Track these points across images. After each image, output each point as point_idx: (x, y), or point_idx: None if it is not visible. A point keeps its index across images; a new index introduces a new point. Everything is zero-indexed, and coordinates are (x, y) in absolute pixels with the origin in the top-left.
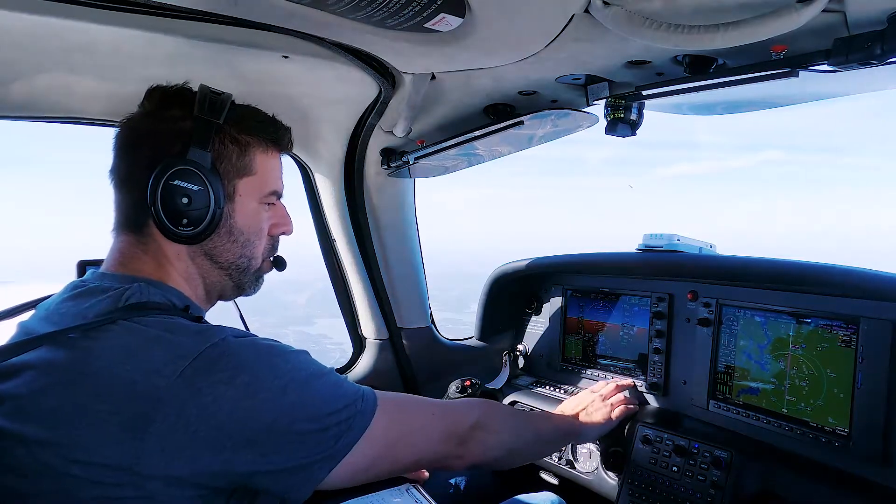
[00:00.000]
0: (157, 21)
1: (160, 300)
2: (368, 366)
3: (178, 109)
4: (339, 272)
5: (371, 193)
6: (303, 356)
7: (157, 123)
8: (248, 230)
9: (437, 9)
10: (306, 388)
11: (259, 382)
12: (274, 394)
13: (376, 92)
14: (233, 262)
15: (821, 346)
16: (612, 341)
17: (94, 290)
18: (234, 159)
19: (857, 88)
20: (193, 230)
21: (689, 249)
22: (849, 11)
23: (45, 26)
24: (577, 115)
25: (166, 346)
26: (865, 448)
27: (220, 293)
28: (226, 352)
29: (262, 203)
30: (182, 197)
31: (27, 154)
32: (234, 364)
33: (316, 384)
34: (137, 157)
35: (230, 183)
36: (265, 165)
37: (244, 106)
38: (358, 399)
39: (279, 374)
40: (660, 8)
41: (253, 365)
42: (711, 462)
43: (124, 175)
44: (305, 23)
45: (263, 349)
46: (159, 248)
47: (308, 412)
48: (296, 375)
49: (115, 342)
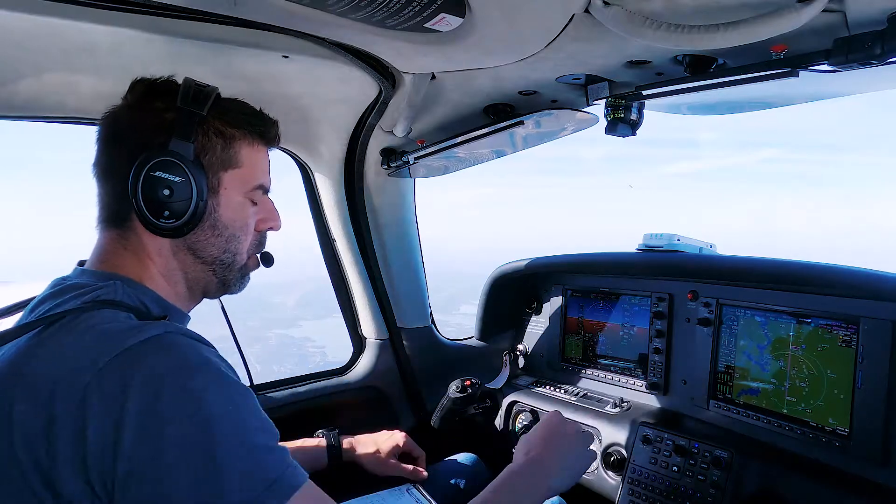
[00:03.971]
0: (157, 21)
1: (130, 301)
2: (368, 366)
3: (161, 101)
4: (339, 272)
5: (371, 193)
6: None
7: (139, 115)
8: (234, 224)
9: (437, 9)
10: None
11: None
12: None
13: (376, 92)
14: (217, 257)
15: (821, 347)
16: (613, 341)
17: (70, 288)
18: (218, 151)
19: (857, 88)
20: (175, 223)
21: (689, 249)
22: (849, 11)
23: (45, 26)
24: (577, 115)
25: (95, 341)
26: (865, 448)
27: (204, 290)
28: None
29: (247, 197)
30: (163, 189)
31: (25, 155)
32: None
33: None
34: (119, 149)
35: (214, 175)
36: (251, 158)
37: (230, 99)
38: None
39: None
40: (660, 8)
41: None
42: (711, 462)
43: (106, 167)
44: (305, 23)
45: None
46: (140, 243)
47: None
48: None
49: (52, 341)
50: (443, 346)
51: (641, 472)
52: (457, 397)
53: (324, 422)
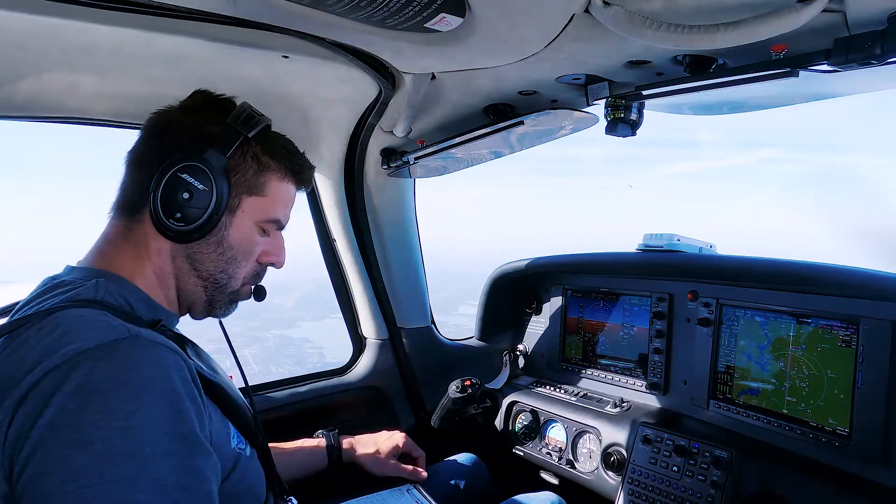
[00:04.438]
0: (157, 21)
1: (112, 300)
2: (368, 366)
3: (213, 113)
4: (339, 272)
5: (371, 193)
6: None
7: (188, 119)
8: (238, 247)
9: (437, 9)
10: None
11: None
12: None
13: (376, 92)
14: (213, 273)
15: (821, 347)
16: (613, 341)
17: (57, 286)
18: (248, 175)
19: (857, 88)
20: (183, 227)
21: (689, 249)
22: (849, 11)
23: (45, 26)
24: (577, 115)
25: (55, 343)
26: (865, 448)
27: (191, 306)
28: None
29: (260, 226)
30: (184, 191)
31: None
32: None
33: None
34: (157, 143)
35: (237, 196)
36: (277, 192)
37: (278, 133)
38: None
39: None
40: (660, 8)
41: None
42: (711, 462)
43: (139, 156)
44: (305, 23)
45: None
46: (143, 239)
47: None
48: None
49: (19, 342)
50: (443, 346)
51: (641, 472)
52: (457, 397)
53: (324, 422)
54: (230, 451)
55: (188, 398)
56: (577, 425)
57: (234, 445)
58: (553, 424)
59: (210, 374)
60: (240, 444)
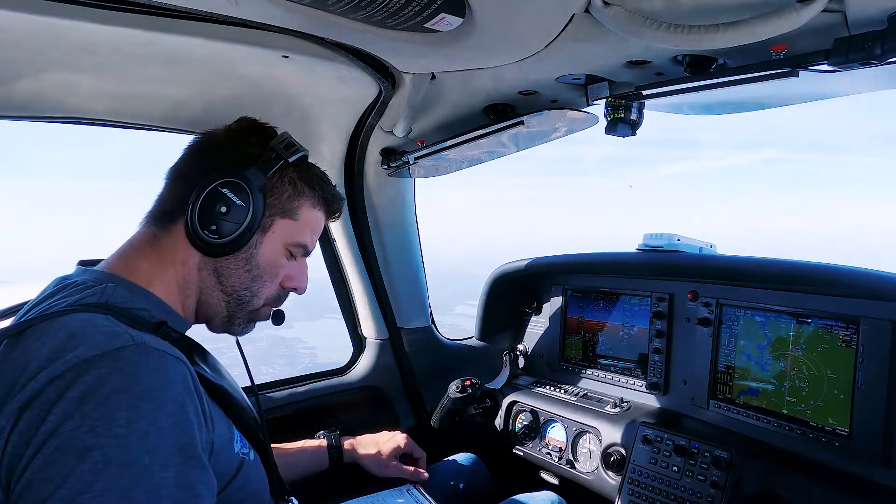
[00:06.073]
0: (157, 21)
1: (120, 303)
2: (368, 366)
3: (256, 137)
4: (339, 272)
5: (371, 193)
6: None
7: (232, 141)
8: (265, 267)
9: (437, 9)
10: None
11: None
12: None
13: (376, 92)
14: (237, 289)
15: (821, 347)
16: (613, 341)
17: (66, 287)
18: (284, 198)
19: (857, 88)
20: (216, 239)
21: (690, 249)
22: (849, 11)
23: (45, 26)
24: (577, 115)
25: (58, 348)
26: (865, 448)
27: (209, 318)
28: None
29: (288, 249)
30: (222, 204)
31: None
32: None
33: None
34: (201, 159)
35: (270, 216)
36: (308, 218)
37: (314, 165)
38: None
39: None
40: (660, 8)
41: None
42: (711, 462)
43: (181, 171)
44: (305, 23)
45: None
46: (171, 248)
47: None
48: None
49: (23, 345)
50: (443, 346)
51: (641, 472)
52: (457, 397)
53: (324, 421)
54: (233, 456)
55: (190, 408)
56: (577, 425)
57: (238, 450)
58: (553, 424)
59: (215, 377)
60: (243, 449)
